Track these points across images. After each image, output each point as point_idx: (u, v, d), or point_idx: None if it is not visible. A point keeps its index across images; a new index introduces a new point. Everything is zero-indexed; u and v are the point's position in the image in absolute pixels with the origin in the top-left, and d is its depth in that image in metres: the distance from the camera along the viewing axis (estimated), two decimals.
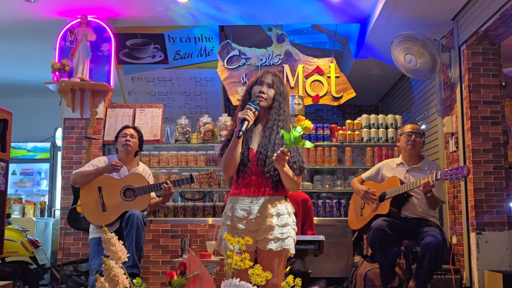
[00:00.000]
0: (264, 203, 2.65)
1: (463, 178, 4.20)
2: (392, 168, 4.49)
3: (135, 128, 4.66)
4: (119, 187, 4.40)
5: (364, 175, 4.64)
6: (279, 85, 2.79)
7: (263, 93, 2.73)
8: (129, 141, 4.52)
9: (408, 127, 4.46)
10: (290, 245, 2.64)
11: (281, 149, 2.50)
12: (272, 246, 2.59)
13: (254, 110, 2.64)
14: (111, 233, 1.81)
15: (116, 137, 4.62)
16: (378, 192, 4.38)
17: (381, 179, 4.51)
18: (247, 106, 2.65)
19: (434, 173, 4.01)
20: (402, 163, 4.47)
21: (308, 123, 2.47)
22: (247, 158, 2.67)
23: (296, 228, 2.73)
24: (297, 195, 4.59)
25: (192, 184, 5.54)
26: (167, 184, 4.41)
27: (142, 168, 4.64)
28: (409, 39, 5.15)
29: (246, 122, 2.59)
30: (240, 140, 2.64)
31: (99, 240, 4.22)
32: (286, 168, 2.59)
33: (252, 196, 2.67)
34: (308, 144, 2.50)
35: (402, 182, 4.27)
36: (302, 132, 2.46)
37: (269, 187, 2.67)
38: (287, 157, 2.53)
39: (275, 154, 2.52)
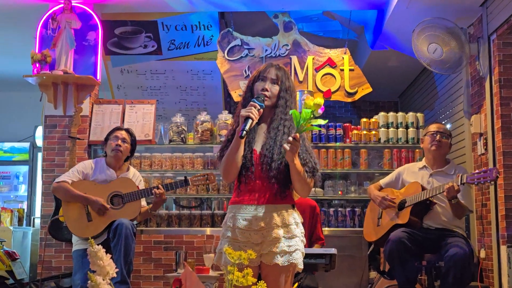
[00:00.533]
0: (269, 212, 2.65)
1: (492, 182, 4.20)
2: (413, 172, 4.49)
3: (128, 131, 4.66)
4: (106, 194, 4.41)
5: (383, 181, 4.63)
6: (284, 80, 2.78)
7: (267, 90, 2.73)
8: (120, 146, 4.52)
9: (433, 127, 4.47)
10: (298, 259, 2.64)
11: (292, 135, 2.50)
12: (278, 260, 2.59)
13: (259, 108, 2.63)
14: (98, 245, 1.81)
15: (106, 139, 4.62)
16: (398, 200, 4.38)
17: (401, 185, 4.50)
18: (251, 102, 2.64)
19: (460, 177, 4.01)
20: (425, 167, 4.46)
21: (319, 98, 2.47)
22: (250, 161, 2.67)
23: (304, 240, 2.74)
24: (304, 202, 4.59)
25: (187, 189, 5.56)
26: (158, 188, 4.41)
27: (132, 173, 4.65)
28: (434, 25, 5.14)
29: (249, 121, 2.57)
30: (243, 140, 2.64)
31: (84, 253, 4.23)
32: (298, 162, 2.58)
33: (256, 204, 2.67)
34: (322, 121, 2.50)
35: (424, 188, 4.26)
36: (313, 109, 2.45)
37: (275, 194, 2.67)
38: (299, 144, 2.52)
39: (285, 144, 2.51)
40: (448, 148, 4.48)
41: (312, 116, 2.46)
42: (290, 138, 2.49)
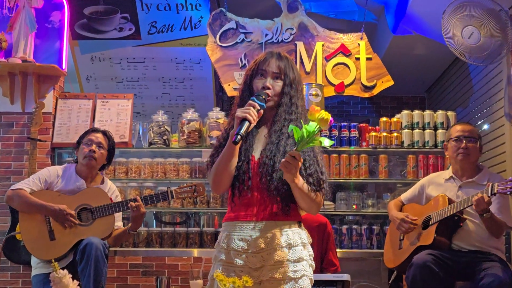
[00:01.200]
0: (270, 231, 2.66)
1: None
2: (439, 184, 4.50)
3: (105, 134, 4.67)
4: (72, 207, 4.41)
5: (404, 196, 4.65)
6: (288, 71, 2.78)
7: (269, 88, 2.72)
8: (94, 152, 4.52)
9: (456, 129, 4.47)
10: (306, 287, 2.66)
11: (290, 152, 2.48)
12: None
13: (259, 108, 2.63)
14: (62, 269, 1.84)
15: (79, 142, 4.64)
16: (422, 219, 4.39)
17: (426, 200, 4.52)
18: (250, 101, 2.64)
19: (490, 186, 4.01)
20: (453, 177, 4.48)
21: (325, 114, 2.46)
22: (247, 171, 2.67)
23: (313, 264, 2.76)
24: (311, 218, 4.59)
25: (171, 202, 5.55)
26: (135, 201, 4.42)
27: (108, 187, 4.66)
28: (469, 4, 5.14)
29: (246, 123, 2.57)
30: (237, 147, 2.64)
31: (46, 278, 4.24)
32: (299, 180, 2.58)
33: (255, 220, 2.68)
34: (327, 142, 2.49)
35: (451, 202, 4.28)
36: (317, 127, 2.45)
37: (276, 208, 2.68)
38: (299, 163, 2.50)
39: (282, 160, 2.50)
40: (479, 153, 4.46)
41: (317, 132, 2.45)
42: (288, 156, 2.47)
